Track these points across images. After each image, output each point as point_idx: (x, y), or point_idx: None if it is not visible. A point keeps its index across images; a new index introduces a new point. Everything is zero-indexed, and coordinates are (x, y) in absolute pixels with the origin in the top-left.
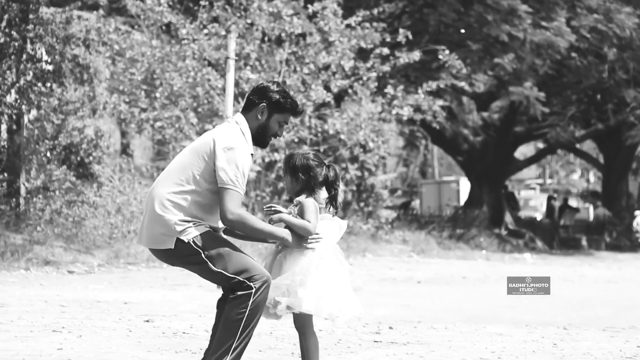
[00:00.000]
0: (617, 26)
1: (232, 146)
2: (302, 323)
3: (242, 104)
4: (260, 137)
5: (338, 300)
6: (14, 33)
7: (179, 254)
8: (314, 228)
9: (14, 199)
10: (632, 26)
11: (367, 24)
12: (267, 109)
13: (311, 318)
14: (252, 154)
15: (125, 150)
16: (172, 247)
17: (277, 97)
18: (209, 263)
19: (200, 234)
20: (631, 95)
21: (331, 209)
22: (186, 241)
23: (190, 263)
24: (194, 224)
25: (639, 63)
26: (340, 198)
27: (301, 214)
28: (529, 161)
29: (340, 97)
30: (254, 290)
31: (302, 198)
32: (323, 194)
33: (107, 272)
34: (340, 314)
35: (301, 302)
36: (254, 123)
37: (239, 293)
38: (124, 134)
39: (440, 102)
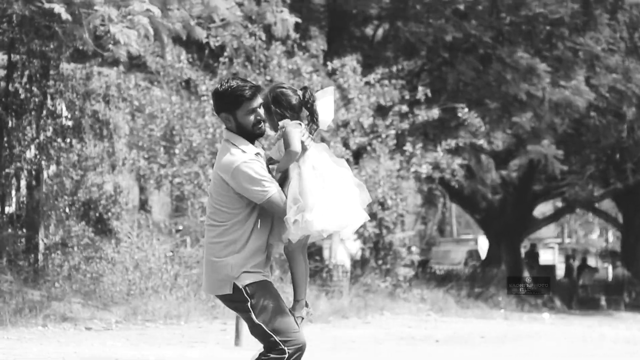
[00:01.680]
0: (636, 85)
1: (232, 165)
2: (293, 248)
3: None
4: (247, 135)
5: (344, 210)
6: (34, 89)
7: (232, 299)
8: (296, 149)
9: (32, 255)
10: None
11: (386, 82)
12: (227, 114)
13: (304, 243)
14: (257, 152)
15: (143, 206)
16: (231, 292)
17: (224, 99)
18: (252, 313)
19: (253, 283)
20: None
21: (313, 126)
22: (239, 287)
23: (238, 310)
24: (249, 270)
25: None
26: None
27: (285, 141)
28: (547, 220)
29: (358, 154)
30: (286, 356)
31: (282, 122)
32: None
33: (124, 328)
34: (347, 222)
35: (311, 224)
36: (233, 129)
37: (272, 355)
38: (142, 190)
39: (458, 160)
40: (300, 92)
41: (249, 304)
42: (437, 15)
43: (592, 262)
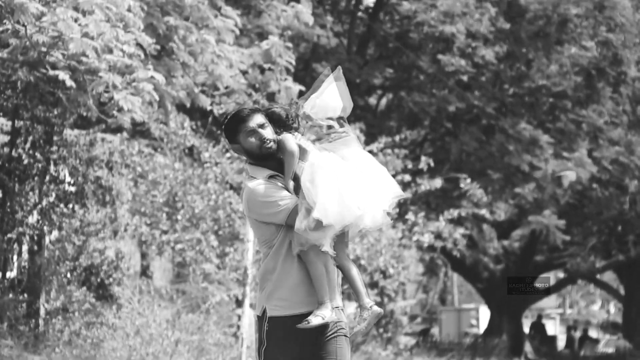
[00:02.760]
0: (639, 158)
1: (245, 198)
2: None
3: None
4: (260, 159)
5: (354, 199)
6: (37, 154)
7: (256, 326)
8: (291, 149)
9: (33, 320)
10: None
11: (389, 151)
12: (235, 144)
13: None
14: (271, 175)
15: (145, 272)
16: (259, 314)
17: (227, 130)
18: (260, 345)
19: (275, 317)
20: None
21: (298, 129)
22: (262, 314)
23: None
24: (279, 302)
25: None
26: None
27: (282, 150)
28: (549, 290)
29: None
30: None
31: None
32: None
33: None
34: (360, 212)
35: (320, 222)
36: (247, 159)
37: None
38: (144, 256)
39: (461, 230)
40: (289, 106)
41: (260, 334)
42: (441, 86)
43: (593, 333)
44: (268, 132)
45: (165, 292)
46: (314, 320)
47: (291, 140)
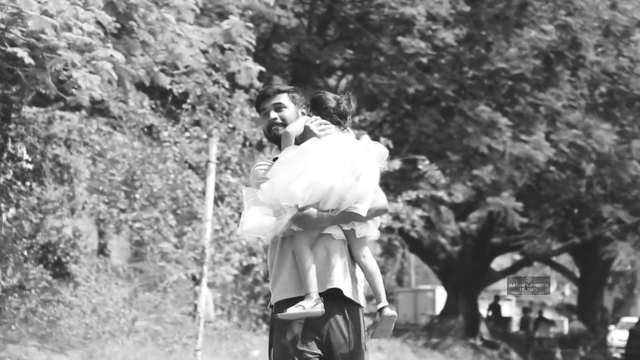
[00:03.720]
0: (596, 142)
1: (250, 176)
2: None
3: None
4: (269, 138)
5: (305, 181)
6: None
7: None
8: (288, 129)
9: None
10: (610, 142)
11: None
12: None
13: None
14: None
15: (102, 250)
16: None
17: (255, 108)
18: (270, 334)
19: (277, 302)
20: (608, 211)
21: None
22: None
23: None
24: (279, 289)
25: (617, 179)
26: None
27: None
28: (505, 272)
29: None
30: None
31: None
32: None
33: None
34: (311, 191)
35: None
36: (267, 138)
37: None
38: (101, 234)
39: (419, 212)
40: (338, 99)
41: (272, 320)
42: (400, 68)
43: (548, 315)
44: (285, 114)
45: (122, 271)
46: (291, 310)
47: (296, 122)
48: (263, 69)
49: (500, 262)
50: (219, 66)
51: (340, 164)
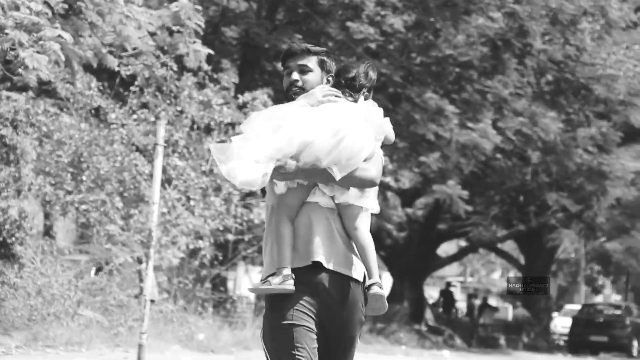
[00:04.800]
0: (542, 130)
1: None
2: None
3: None
4: (287, 98)
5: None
6: None
7: None
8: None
9: None
10: (556, 130)
11: None
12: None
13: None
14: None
15: (48, 232)
16: None
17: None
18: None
19: (265, 278)
20: (553, 199)
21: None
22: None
23: None
24: (269, 263)
25: (562, 167)
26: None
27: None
28: (450, 259)
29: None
30: None
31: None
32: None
33: (24, 354)
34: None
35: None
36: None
37: None
38: (47, 216)
39: None
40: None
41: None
42: (349, 53)
43: (493, 301)
44: (308, 78)
45: (68, 253)
46: (258, 285)
47: (316, 90)
48: (211, 52)
49: (446, 249)
50: (167, 49)
51: (324, 123)
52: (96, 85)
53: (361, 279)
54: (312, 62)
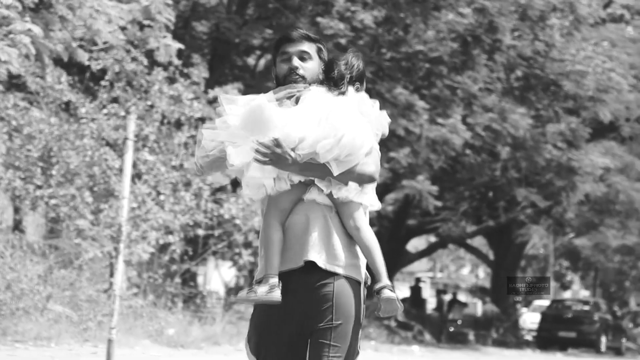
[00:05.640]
0: (511, 125)
1: None
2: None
3: None
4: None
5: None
6: None
7: None
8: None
9: None
10: (525, 126)
11: None
12: (274, 66)
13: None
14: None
15: (17, 226)
16: None
17: (273, 48)
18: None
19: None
20: (522, 194)
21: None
22: None
23: None
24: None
25: (531, 163)
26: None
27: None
28: (420, 254)
29: (236, 183)
30: None
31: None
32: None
33: None
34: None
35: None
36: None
37: None
38: (17, 210)
39: None
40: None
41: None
42: None
43: (462, 297)
44: (309, 66)
45: (37, 247)
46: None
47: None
48: (182, 46)
49: (416, 244)
50: (138, 43)
51: (321, 117)
52: (66, 79)
53: (361, 280)
54: (312, 49)
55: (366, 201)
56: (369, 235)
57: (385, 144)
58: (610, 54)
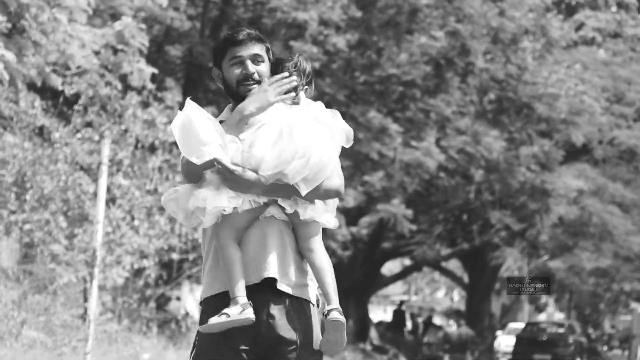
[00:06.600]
0: (485, 148)
1: None
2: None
3: None
4: (234, 94)
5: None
6: None
7: None
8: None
9: None
10: (499, 149)
11: None
12: (217, 69)
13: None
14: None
15: None
16: None
17: (215, 50)
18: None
19: (207, 298)
20: (496, 217)
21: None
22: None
23: None
24: (210, 282)
25: (505, 185)
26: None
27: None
28: (395, 277)
29: None
30: None
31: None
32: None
33: None
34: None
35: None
36: (225, 92)
37: None
38: None
39: None
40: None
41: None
42: None
43: (437, 320)
44: (262, 70)
45: (11, 273)
46: (214, 320)
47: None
48: (156, 70)
49: (391, 267)
50: (112, 67)
51: (272, 135)
52: (40, 104)
53: (314, 302)
54: (263, 51)
55: (326, 219)
56: (324, 258)
57: (359, 168)
58: (583, 77)
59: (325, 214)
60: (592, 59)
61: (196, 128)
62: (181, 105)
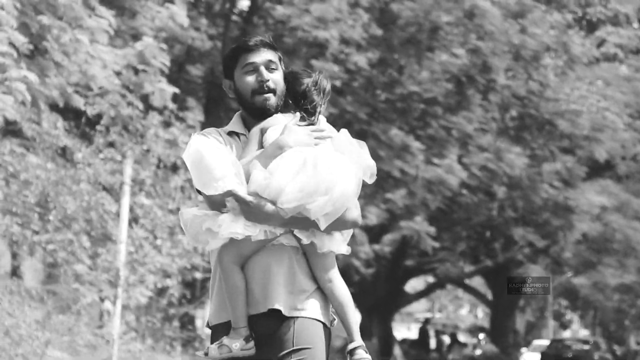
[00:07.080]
0: (507, 165)
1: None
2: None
3: None
4: (248, 105)
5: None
6: None
7: None
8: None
9: None
10: (521, 166)
11: None
12: (228, 80)
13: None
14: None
15: (15, 272)
16: None
17: (225, 59)
18: None
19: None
20: (519, 234)
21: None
22: None
23: None
24: (217, 309)
25: (528, 202)
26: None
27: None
28: (418, 295)
29: None
30: None
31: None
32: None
33: None
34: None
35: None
36: (237, 103)
37: None
38: (14, 256)
39: None
40: (309, 78)
41: None
42: None
43: (461, 337)
44: (277, 78)
45: (35, 293)
46: (215, 350)
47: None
48: (177, 90)
49: (414, 285)
50: (133, 87)
51: (294, 165)
52: (62, 124)
53: (326, 321)
54: (276, 57)
55: (342, 249)
56: (344, 290)
57: (382, 185)
58: (605, 93)
59: (342, 245)
60: (614, 75)
61: (208, 163)
62: (203, 125)
